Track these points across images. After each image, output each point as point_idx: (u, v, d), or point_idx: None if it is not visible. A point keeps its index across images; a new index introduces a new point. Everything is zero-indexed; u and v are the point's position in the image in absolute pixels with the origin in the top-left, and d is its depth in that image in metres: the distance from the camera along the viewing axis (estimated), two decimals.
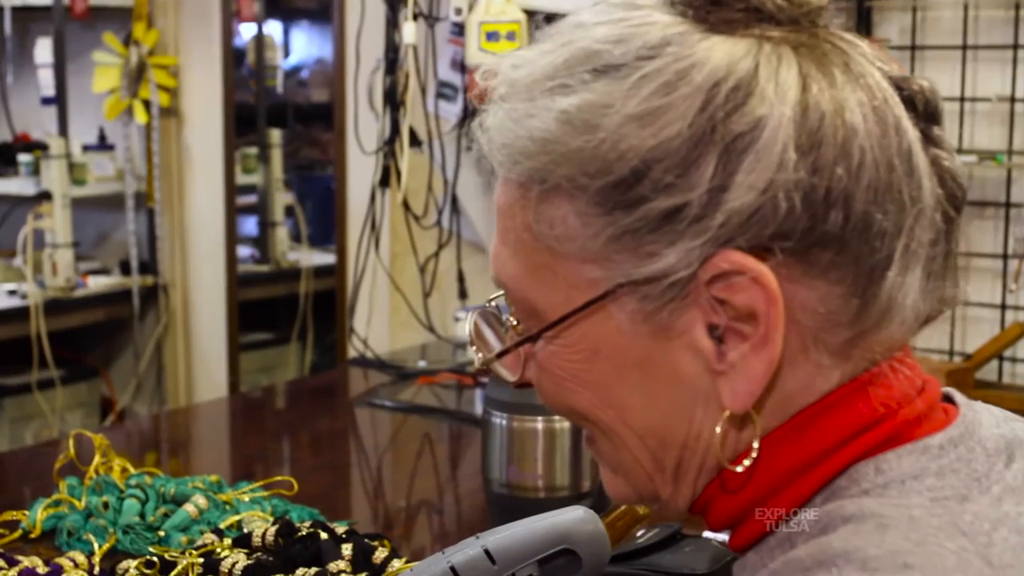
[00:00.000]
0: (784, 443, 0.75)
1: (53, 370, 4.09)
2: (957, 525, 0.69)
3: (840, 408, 0.74)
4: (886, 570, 0.65)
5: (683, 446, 0.77)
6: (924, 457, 0.73)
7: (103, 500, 1.74)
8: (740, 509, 0.77)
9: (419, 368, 2.79)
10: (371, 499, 2.06)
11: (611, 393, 0.77)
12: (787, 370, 0.74)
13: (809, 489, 0.74)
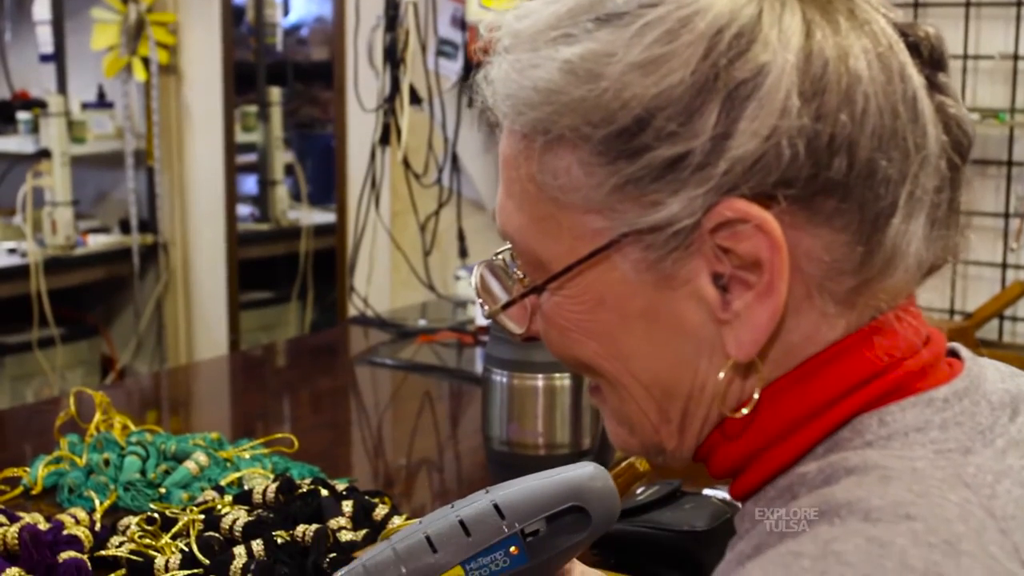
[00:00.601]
0: (788, 392, 0.75)
1: (53, 328, 4.09)
2: (960, 477, 0.69)
3: (845, 358, 0.74)
4: (888, 521, 0.65)
5: (688, 396, 0.77)
6: (928, 409, 0.73)
7: (104, 457, 1.74)
8: (742, 457, 0.77)
9: (419, 326, 2.79)
10: (371, 457, 2.06)
11: (616, 343, 0.77)
12: (791, 319, 0.74)
13: (812, 439, 0.74)
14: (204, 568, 1.42)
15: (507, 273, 0.84)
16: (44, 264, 4.00)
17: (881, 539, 0.65)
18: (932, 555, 0.64)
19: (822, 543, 0.65)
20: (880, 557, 0.64)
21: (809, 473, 0.72)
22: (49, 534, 1.46)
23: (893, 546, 0.64)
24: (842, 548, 0.64)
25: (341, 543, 1.48)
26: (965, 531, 0.66)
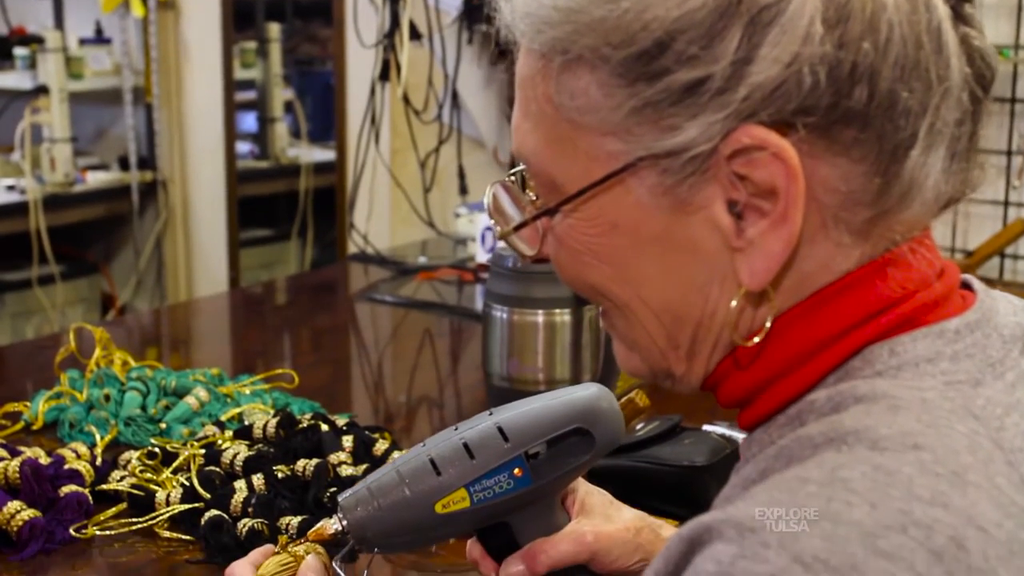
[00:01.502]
0: (800, 321, 0.74)
1: (53, 266, 4.09)
2: (969, 409, 0.69)
3: (858, 288, 0.74)
4: (896, 450, 0.65)
5: (698, 323, 0.76)
6: (939, 341, 0.73)
7: (104, 393, 1.74)
8: (752, 386, 0.76)
9: (419, 264, 2.79)
10: (371, 393, 2.07)
11: (628, 268, 0.76)
12: (806, 248, 0.73)
13: (823, 368, 0.74)
14: (205, 502, 1.42)
15: (519, 194, 0.83)
16: (43, 201, 3.98)
17: (888, 467, 0.64)
18: (939, 485, 0.64)
19: (829, 469, 0.65)
20: (886, 485, 0.64)
21: (818, 401, 0.72)
22: (50, 468, 1.46)
23: (900, 475, 0.64)
24: (849, 475, 0.64)
25: (341, 477, 1.49)
26: (972, 462, 0.66)
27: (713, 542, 0.64)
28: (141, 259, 4.33)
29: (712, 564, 0.63)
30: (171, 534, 1.41)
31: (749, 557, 0.62)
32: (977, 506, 0.64)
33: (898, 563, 0.61)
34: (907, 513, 0.62)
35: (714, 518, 0.65)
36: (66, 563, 1.36)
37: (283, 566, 1.00)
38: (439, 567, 1.36)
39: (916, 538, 0.62)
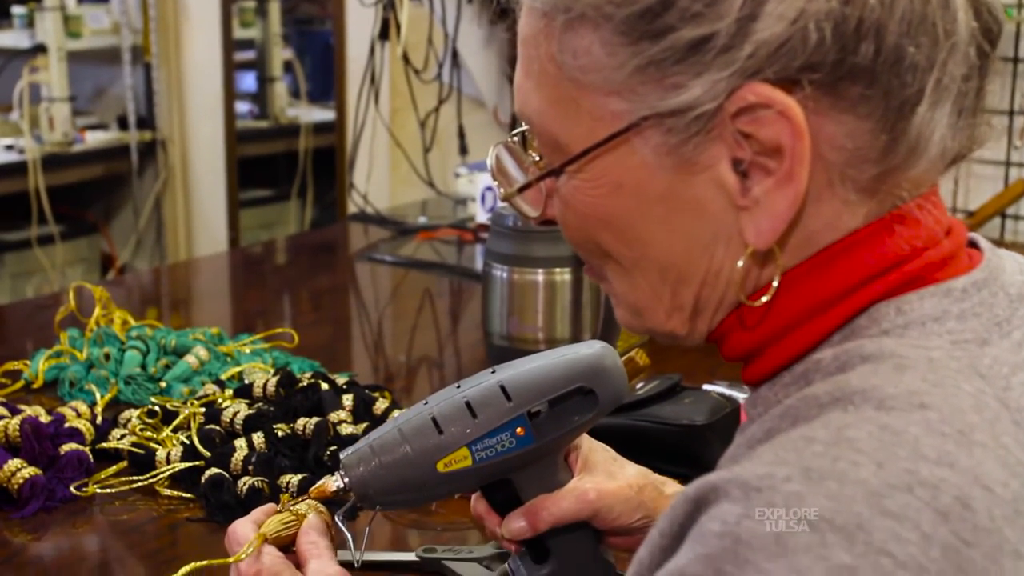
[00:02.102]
0: (806, 279, 0.74)
1: (53, 226, 4.08)
2: (976, 368, 0.69)
3: (865, 246, 0.73)
4: (902, 409, 0.65)
5: (702, 283, 0.76)
6: (946, 300, 0.72)
7: (104, 351, 1.75)
8: (757, 342, 0.76)
9: (419, 223, 2.78)
10: (371, 353, 2.07)
11: (633, 229, 0.76)
12: (812, 207, 0.73)
13: (828, 326, 0.73)
14: (205, 460, 1.42)
15: (524, 155, 0.83)
16: (42, 161, 3.97)
17: (894, 427, 0.64)
18: (945, 444, 0.64)
19: (835, 429, 0.65)
20: (893, 445, 0.63)
21: (824, 360, 0.72)
22: (51, 426, 1.47)
23: (906, 434, 0.64)
24: (855, 435, 0.64)
25: (342, 436, 1.49)
26: (978, 421, 0.66)
27: (719, 502, 0.64)
28: (141, 219, 4.33)
29: (718, 524, 0.63)
30: (171, 492, 1.41)
31: (754, 517, 0.62)
32: (983, 465, 0.64)
33: (904, 522, 0.61)
34: (913, 473, 0.62)
35: (720, 477, 0.65)
36: (67, 521, 1.36)
37: (285, 524, 1.00)
38: (439, 525, 1.36)
39: (922, 498, 0.62)
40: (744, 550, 0.62)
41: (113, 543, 1.34)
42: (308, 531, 1.00)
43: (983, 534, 0.62)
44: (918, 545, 0.61)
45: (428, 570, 1.24)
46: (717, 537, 0.63)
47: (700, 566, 0.63)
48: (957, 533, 0.61)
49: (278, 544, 0.99)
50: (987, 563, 0.62)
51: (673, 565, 0.65)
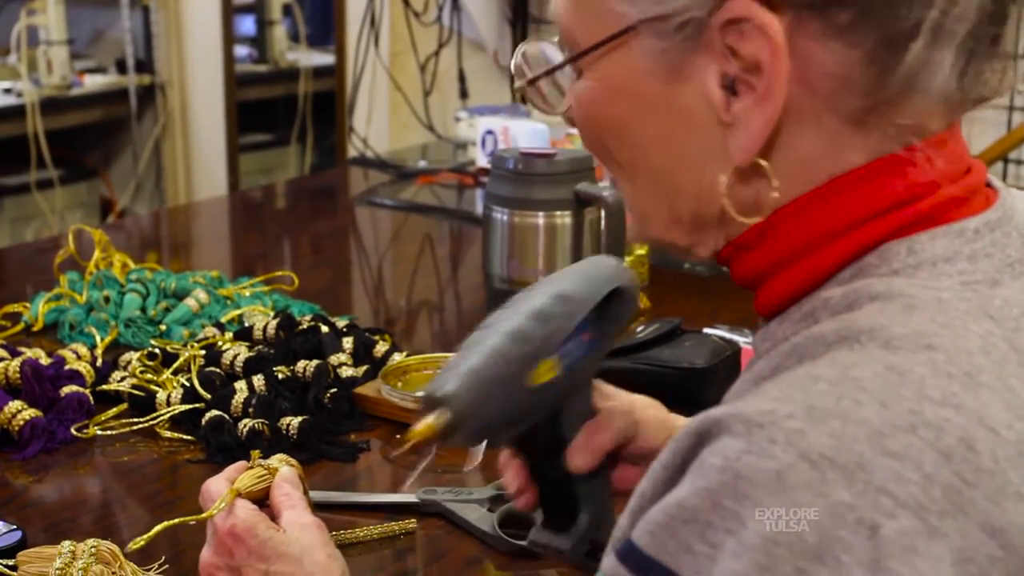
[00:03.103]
0: (811, 208, 0.74)
1: (52, 170, 4.06)
2: (985, 309, 0.69)
3: (872, 182, 0.73)
4: (909, 349, 0.65)
5: (696, 198, 0.77)
6: (958, 240, 0.72)
7: (104, 294, 1.74)
8: (763, 266, 0.76)
9: (419, 167, 2.77)
10: (371, 296, 2.07)
11: (631, 134, 0.78)
12: (799, 130, 0.72)
13: (836, 258, 0.73)
14: (205, 403, 1.43)
15: (546, 57, 0.85)
16: (40, 104, 3.95)
17: (900, 367, 0.64)
18: (951, 386, 0.64)
19: (841, 368, 0.65)
20: (898, 385, 0.63)
21: (832, 298, 0.72)
22: (51, 368, 1.47)
23: (912, 375, 0.64)
24: (860, 374, 0.64)
25: (342, 378, 1.49)
26: (986, 363, 0.66)
27: (721, 436, 0.64)
28: (140, 163, 4.31)
29: (719, 459, 0.63)
30: (172, 434, 1.41)
31: (756, 453, 0.62)
32: (988, 407, 0.64)
33: (906, 463, 0.61)
34: (917, 413, 0.62)
35: (723, 412, 0.65)
36: (68, 462, 1.36)
37: (258, 478, 1.01)
38: (439, 467, 1.37)
39: (925, 438, 0.62)
40: (744, 485, 0.62)
41: (114, 484, 1.35)
42: (281, 483, 1.01)
43: (986, 475, 0.62)
44: (919, 485, 0.61)
45: (428, 512, 1.24)
46: (718, 471, 0.63)
47: (699, 499, 0.63)
48: (959, 474, 0.61)
49: (252, 499, 0.99)
50: (989, 504, 0.62)
51: (672, 498, 0.65)
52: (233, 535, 0.94)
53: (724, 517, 0.62)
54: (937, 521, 0.61)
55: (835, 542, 0.60)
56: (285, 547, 0.93)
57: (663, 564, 0.64)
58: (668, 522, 0.64)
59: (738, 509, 0.62)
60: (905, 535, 0.60)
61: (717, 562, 0.62)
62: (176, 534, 1.20)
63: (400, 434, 1.42)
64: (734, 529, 0.62)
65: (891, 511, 0.60)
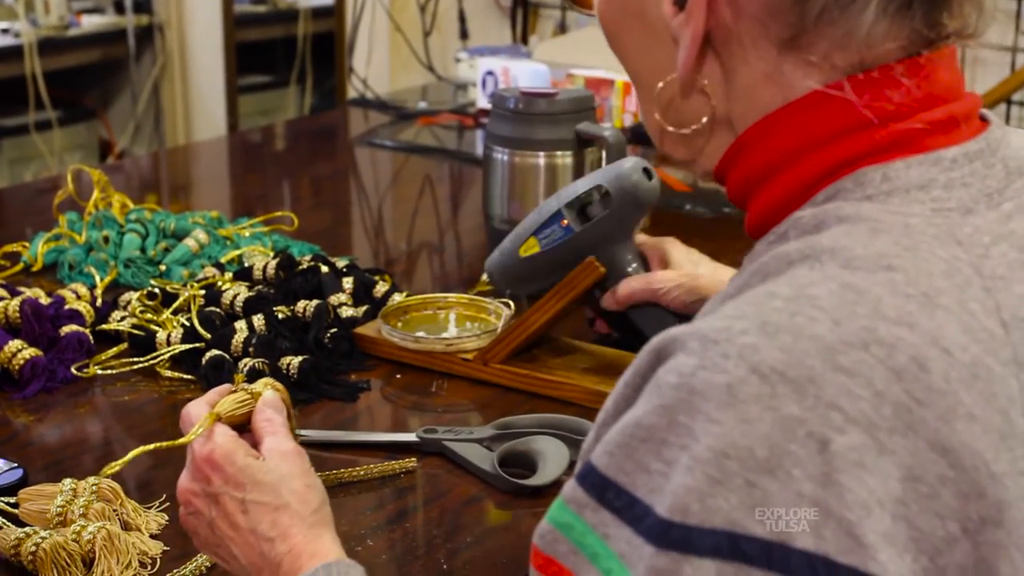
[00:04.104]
0: (776, 126, 0.75)
1: (50, 111, 4.04)
2: (954, 235, 0.69)
3: (831, 104, 0.73)
4: (868, 270, 0.66)
5: (670, 106, 0.80)
6: (934, 168, 0.72)
7: (103, 235, 1.74)
8: (745, 180, 0.78)
9: (419, 108, 2.76)
10: (371, 238, 2.06)
11: (622, 41, 0.82)
12: (740, 53, 0.75)
13: (810, 174, 0.74)
14: (205, 342, 1.43)
15: None
16: (38, 45, 3.93)
17: (857, 286, 0.65)
18: (907, 305, 0.64)
19: (797, 286, 0.66)
20: (853, 303, 0.64)
21: (803, 219, 0.73)
22: (50, 308, 1.46)
23: (868, 294, 0.65)
24: (816, 292, 0.65)
25: (342, 319, 1.49)
26: (946, 286, 0.66)
27: (676, 354, 0.65)
28: (139, 105, 4.29)
29: (674, 376, 0.64)
30: (172, 373, 1.41)
31: (709, 368, 0.63)
32: (944, 329, 0.64)
33: (856, 379, 0.62)
34: (870, 331, 0.63)
35: (681, 331, 0.66)
36: (68, 401, 1.37)
37: (239, 403, 0.99)
38: (439, 406, 1.37)
39: (877, 355, 0.63)
40: (697, 400, 0.62)
41: (114, 424, 1.35)
42: (263, 408, 0.99)
43: (936, 395, 0.63)
44: (869, 402, 0.62)
45: (428, 451, 1.25)
46: (672, 388, 0.64)
47: (655, 416, 0.64)
48: (910, 392, 0.62)
49: (234, 423, 0.98)
50: (939, 424, 0.62)
51: (630, 416, 0.66)
52: (210, 462, 0.93)
53: (679, 433, 0.63)
54: (886, 438, 0.61)
55: (785, 456, 0.61)
56: (262, 475, 0.92)
57: (619, 484, 0.65)
58: (626, 442, 0.65)
59: (691, 424, 0.62)
60: (855, 451, 0.61)
61: (670, 479, 0.63)
62: (177, 472, 1.20)
63: (400, 374, 1.43)
64: (687, 445, 0.62)
65: (841, 426, 0.61)
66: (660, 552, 0.62)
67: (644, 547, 0.63)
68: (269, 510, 0.91)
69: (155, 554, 1.07)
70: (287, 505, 0.91)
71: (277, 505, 0.91)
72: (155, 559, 1.06)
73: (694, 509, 0.61)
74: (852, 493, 0.61)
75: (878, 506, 0.61)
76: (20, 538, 1.03)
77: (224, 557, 0.94)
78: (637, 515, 0.64)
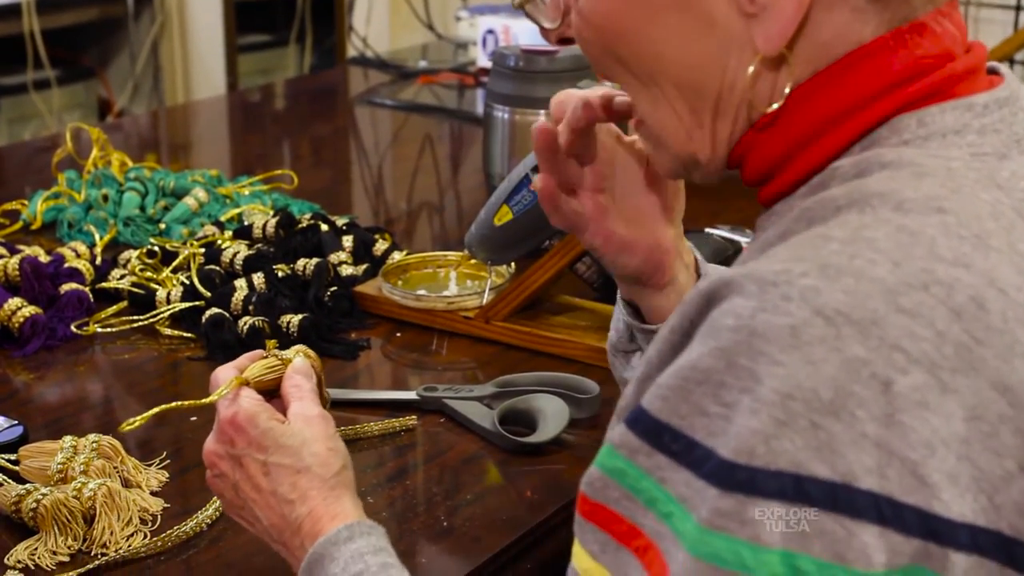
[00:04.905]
0: (823, 89, 0.74)
1: (48, 70, 4.02)
2: (994, 179, 0.70)
3: (880, 56, 0.73)
4: (920, 212, 0.66)
5: (718, 96, 0.76)
6: (968, 114, 0.72)
7: (103, 193, 1.73)
8: (777, 156, 0.76)
9: (420, 67, 2.75)
10: (371, 197, 2.05)
11: (649, 39, 0.77)
12: (821, 13, 0.73)
13: (848, 136, 0.73)
14: (205, 300, 1.42)
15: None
16: (36, 3, 3.90)
17: (911, 228, 0.65)
18: (961, 247, 0.65)
19: (852, 229, 0.66)
20: (910, 245, 0.64)
21: (843, 167, 0.72)
22: (50, 266, 1.46)
23: (923, 235, 0.65)
24: (872, 235, 0.65)
25: (342, 277, 1.49)
26: (995, 228, 0.67)
27: (731, 297, 0.64)
28: (137, 64, 4.27)
29: (731, 318, 0.63)
30: (172, 332, 1.41)
31: (770, 310, 0.62)
32: (998, 269, 0.65)
33: (918, 319, 0.62)
34: (929, 272, 0.63)
35: (735, 273, 0.65)
36: (68, 359, 1.36)
37: (269, 368, 0.99)
38: (440, 364, 1.37)
39: (937, 296, 0.63)
40: (759, 342, 0.62)
41: (114, 382, 1.35)
42: (292, 375, 0.99)
43: (995, 334, 0.63)
44: (931, 342, 0.62)
45: (428, 409, 1.24)
46: (731, 331, 0.63)
47: (712, 359, 0.64)
48: (970, 332, 0.62)
49: (263, 389, 0.98)
50: (999, 363, 0.63)
51: (685, 360, 0.65)
52: (234, 424, 0.94)
53: (739, 376, 0.63)
54: (949, 377, 0.62)
55: (849, 397, 0.61)
56: (285, 438, 0.92)
57: (674, 427, 0.65)
58: (681, 385, 0.65)
59: (753, 367, 0.62)
60: (918, 391, 0.61)
61: (732, 421, 0.62)
62: (178, 430, 1.21)
63: (400, 332, 1.42)
64: (749, 387, 0.62)
65: (904, 367, 0.61)
66: (724, 494, 0.62)
67: (707, 490, 0.63)
68: (290, 472, 0.91)
69: (156, 511, 1.07)
70: (308, 468, 0.91)
71: (298, 468, 0.91)
72: (156, 516, 1.07)
73: (759, 451, 0.61)
74: (915, 433, 0.61)
75: (942, 445, 0.61)
76: (21, 495, 1.04)
77: (248, 519, 0.95)
78: (697, 458, 0.64)
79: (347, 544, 0.87)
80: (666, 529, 0.65)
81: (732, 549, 0.62)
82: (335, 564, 0.86)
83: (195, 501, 1.08)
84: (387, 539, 0.90)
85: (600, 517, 0.69)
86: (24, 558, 1.00)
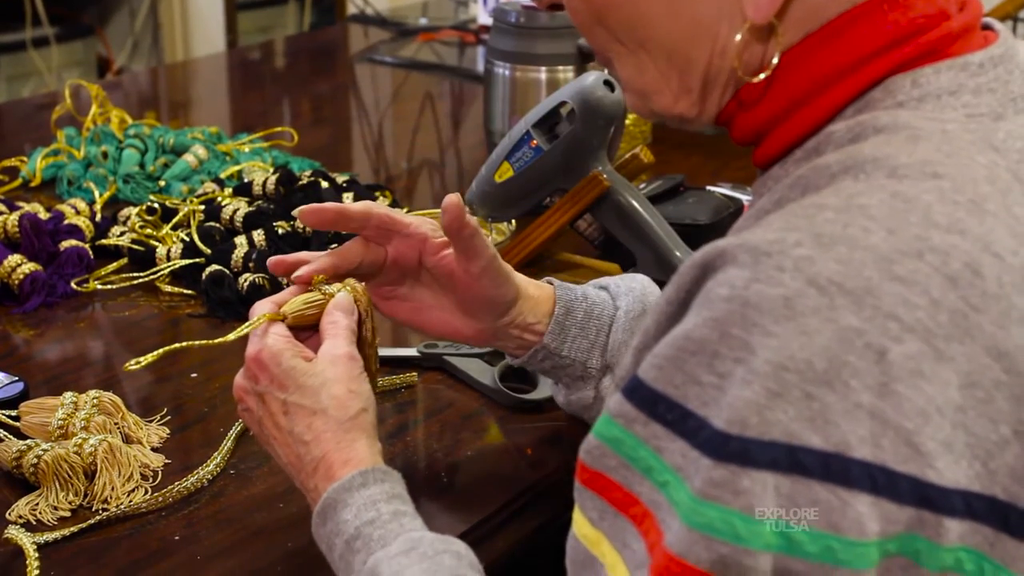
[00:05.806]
0: (814, 51, 0.74)
1: (47, 28, 4.01)
2: (989, 141, 0.69)
3: (873, 17, 0.73)
4: (915, 178, 0.65)
5: (708, 63, 0.76)
6: (963, 74, 0.72)
7: (102, 150, 1.73)
8: (766, 119, 0.76)
9: (420, 25, 2.73)
10: (371, 154, 2.05)
11: (638, 9, 0.76)
12: None
13: (841, 99, 0.73)
14: (205, 257, 1.42)
15: None
16: None
17: (906, 194, 0.65)
18: (957, 212, 0.64)
19: (846, 196, 0.65)
20: (905, 212, 0.64)
21: (837, 132, 0.72)
22: (50, 223, 1.46)
23: (918, 201, 0.64)
24: (867, 202, 0.65)
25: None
26: (991, 192, 0.66)
27: (726, 267, 0.64)
28: (136, 21, 4.25)
29: (726, 288, 0.63)
30: (172, 288, 1.41)
31: (764, 280, 0.62)
32: (994, 233, 0.64)
33: (913, 287, 0.62)
34: (924, 239, 0.63)
35: (728, 243, 0.65)
36: (68, 316, 1.36)
37: (308, 303, 0.96)
38: None
39: (932, 263, 0.62)
40: (752, 313, 0.62)
41: (114, 339, 1.35)
42: (331, 311, 0.96)
43: (991, 300, 0.63)
44: (926, 310, 0.62)
45: (429, 366, 1.24)
46: (725, 301, 0.63)
47: (706, 329, 0.63)
48: (966, 299, 0.62)
49: (304, 324, 0.96)
50: (995, 328, 0.63)
51: (680, 330, 0.65)
52: (258, 361, 0.92)
53: (732, 347, 0.62)
54: (944, 345, 0.61)
55: (843, 367, 0.61)
56: (305, 378, 0.91)
57: (669, 397, 0.65)
58: (675, 355, 0.65)
59: (746, 337, 0.62)
60: (912, 359, 0.61)
61: (726, 391, 0.62)
62: (178, 387, 1.21)
63: None
64: (743, 358, 0.62)
65: (898, 335, 0.61)
66: (718, 464, 0.62)
67: (701, 460, 0.63)
68: (307, 413, 0.90)
69: (156, 467, 1.07)
70: (325, 410, 0.90)
71: (315, 409, 0.90)
72: (156, 472, 1.07)
73: (752, 422, 0.61)
74: (910, 402, 0.61)
75: (937, 413, 0.61)
76: (22, 450, 1.04)
77: (275, 454, 0.94)
78: (691, 428, 0.64)
79: (360, 491, 0.87)
80: (662, 498, 0.65)
81: (725, 519, 0.62)
82: (348, 511, 0.86)
83: (196, 457, 1.08)
84: (403, 484, 0.89)
85: (598, 485, 0.69)
86: (25, 513, 1.00)
